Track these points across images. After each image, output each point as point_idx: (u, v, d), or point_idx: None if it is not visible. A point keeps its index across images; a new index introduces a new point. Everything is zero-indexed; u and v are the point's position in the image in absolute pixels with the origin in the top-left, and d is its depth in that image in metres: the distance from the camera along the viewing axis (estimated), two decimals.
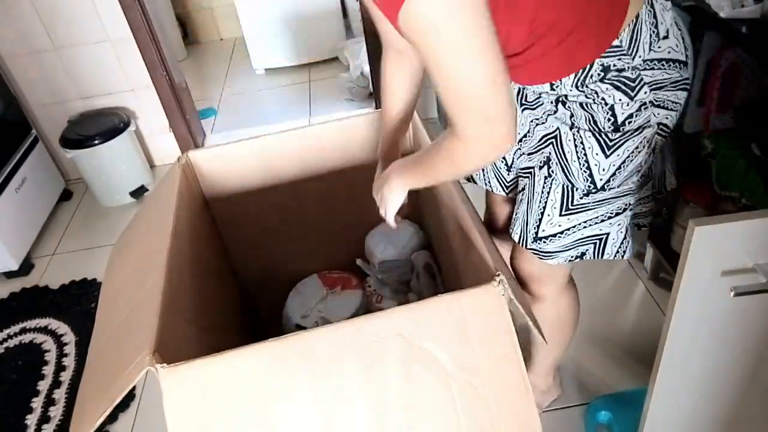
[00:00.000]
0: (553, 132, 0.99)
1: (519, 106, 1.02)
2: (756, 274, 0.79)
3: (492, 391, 0.78)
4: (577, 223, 1.01)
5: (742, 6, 1.17)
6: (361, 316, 0.79)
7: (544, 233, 1.04)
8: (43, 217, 2.42)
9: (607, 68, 0.87)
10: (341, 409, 0.75)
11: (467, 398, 0.77)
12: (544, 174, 1.01)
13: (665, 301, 1.71)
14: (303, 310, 1.35)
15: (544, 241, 1.05)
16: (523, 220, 1.07)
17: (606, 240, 1.04)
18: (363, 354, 0.76)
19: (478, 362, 0.78)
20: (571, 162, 0.97)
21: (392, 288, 1.39)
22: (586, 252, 1.05)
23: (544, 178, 1.01)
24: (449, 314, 0.78)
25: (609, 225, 1.02)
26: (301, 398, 0.75)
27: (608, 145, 0.93)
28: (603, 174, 0.95)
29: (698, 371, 0.95)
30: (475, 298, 0.79)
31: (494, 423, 0.78)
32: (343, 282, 1.43)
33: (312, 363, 0.76)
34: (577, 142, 0.95)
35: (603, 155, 0.94)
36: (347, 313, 1.32)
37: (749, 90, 1.36)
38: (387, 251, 1.37)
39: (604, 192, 0.98)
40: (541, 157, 1.02)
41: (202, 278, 1.14)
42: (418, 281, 1.33)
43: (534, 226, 1.05)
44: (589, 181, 0.96)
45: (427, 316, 0.78)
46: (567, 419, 1.46)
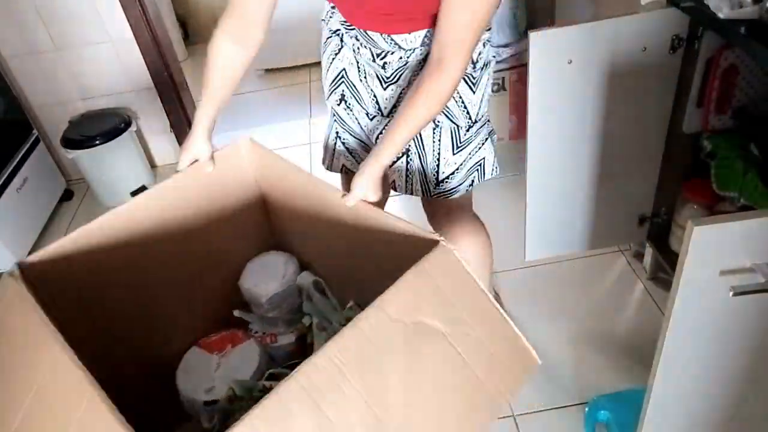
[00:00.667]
0: None
1: (384, 83, 1.18)
2: (755, 274, 0.79)
3: (482, 332, 0.87)
4: (467, 155, 1.22)
5: (740, 6, 1.17)
6: (353, 321, 0.79)
7: (444, 175, 1.22)
8: (45, 218, 2.43)
9: None
10: (381, 397, 0.79)
11: (468, 346, 0.85)
12: (431, 126, 1.18)
13: (664, 301, 1.71)
14: (204, 386, 1.19)
15: (446, 182, 1.23)
16: (420, 173, 1.23)
17: (484, 163, 1.25)
18: (372, 350, 0.79)
19: (461, 314, 0.86)
20: (452, 107, 1.15)
21: (284, 321, 1.32)
22: (474, 178, 1.25)
23: (432, 129, 1.19)
24: (424, 285, 0.84)
25: (484, 150, 1.24)
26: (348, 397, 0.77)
27: (473, 83, 1.14)
28: (475, 107, 1.17)
29: (697, 371, 0.95)
30: (436, 263, 0.86)
31: (493, 354, 0.88)
32: (229, 340, 1.29)
33: (349, 365, 0.77)
34: None
35: (471, 92, 1.15)
36: (253, 366, 1.20)
37: (748, 90, 1.37)
38: (270, 286, 1.28)
39: (478, 123, 1.20)
40: None
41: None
42: (311, 301, 1.27)
43: (433, 173, 1.22)
44: (468, 117, 1.17)
45: (408, 295, 0.83)
46: (566, 418, 1.47)
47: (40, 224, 2.38)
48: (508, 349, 0.90)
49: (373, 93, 1.20)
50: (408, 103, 1.03)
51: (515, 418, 1.48)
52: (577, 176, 1.61)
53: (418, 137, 1.21)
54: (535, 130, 1.50)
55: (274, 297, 1.27)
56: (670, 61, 1.42)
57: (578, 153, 1.56)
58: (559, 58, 1.39)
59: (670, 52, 1.40)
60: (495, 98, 2.46)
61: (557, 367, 1.59)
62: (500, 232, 2.07)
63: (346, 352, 0.77)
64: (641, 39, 1.38)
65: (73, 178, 2.71)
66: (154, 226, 1.18)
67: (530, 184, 1.60)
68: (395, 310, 0.81)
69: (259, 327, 1.33)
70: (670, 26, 1.37)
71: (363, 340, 0.78)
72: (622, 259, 1.89)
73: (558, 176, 1.60)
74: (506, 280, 1.87)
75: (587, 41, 1.37)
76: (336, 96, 1.29)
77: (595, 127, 1.52)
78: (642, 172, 1.63)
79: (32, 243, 2.29)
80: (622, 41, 1.38)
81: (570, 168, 1.59)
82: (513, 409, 1.50)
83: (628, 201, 1.69)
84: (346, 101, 1.27)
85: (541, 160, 1.56)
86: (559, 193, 1.64)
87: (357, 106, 1.25)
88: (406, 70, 1.15)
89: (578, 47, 1.38)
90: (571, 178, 1.61)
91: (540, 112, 1.47)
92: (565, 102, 1.47)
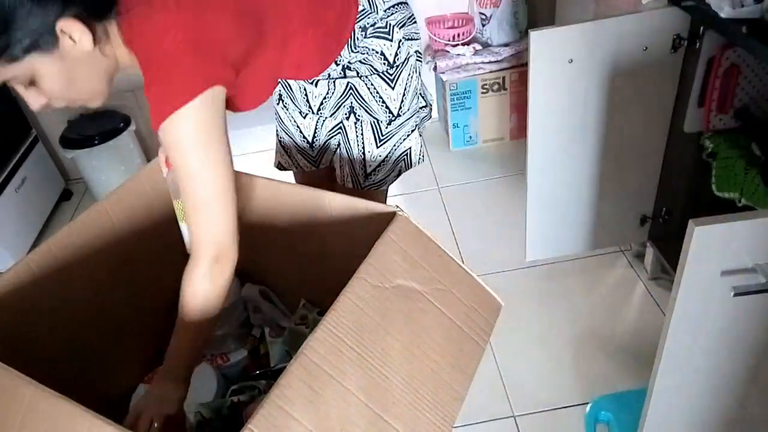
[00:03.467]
0: (347, 87, 1.17)
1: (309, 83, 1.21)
2: (756, 274, 0.79)
3: (452, 286, 0.96)
4: (391, 147, 1.24)
5: (742, 6, 1.16)
6: (340, 294, 0.84)
7: (371, 168, 1.26)
8: (43, 217, 2.43)
9: (364, 28, 1.11)
10: (383, 358, 0.86)
11: (444, 300, 0.94)
12: (352, 121, 1.21)
13: (665, 301, 1.71)
14: None
15: (374, 174, 1.26)
16: (350, 167, 1.26)
17: (410, 153, 1.28)
18: (364, 316, 0.85)
19: (431, 273, 0.95)
20: (369, 102, 1.18)
21: (234, 338, 1.27)
22: (401, 167, 1.29)
23: (354, 124, 1.22)
24: (393, 252, 0.92)
25: (410, 141, 1.26)
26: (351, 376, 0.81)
27: (391, 79, 1.17)
28: (395, 102, 1.19)
29: (698, 371, 0.95)
30: (399, 231, 0.94)
31: (465, 304, 0.97)
32: None
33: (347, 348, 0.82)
34: (368, 86, 1.16)
35: (390, 88, 1.17)
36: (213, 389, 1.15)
37: (749, 90, 1.36)
38: None
39: (401, 117, 1.22)
40: (344, 110, 1.21)
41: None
42: (260, 312, 1.26)
43: (361, 167, 1.26)
44: (388, 112, 1.20)
45: (381, 263, 0.90)
46: (567, 419, 1.46)
47: (39, 224, 2.38)
48: (476, 297, 1.00)
49: (305, 89, 1.23)
50: (180, 319, 0.95)
51: (516, 419, 1.48)
52: (577, 176, 1.60)
53: (344, 129, 1.23)
54: (536, 130, 1.50)
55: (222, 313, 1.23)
56: (671, 61, 1.41)
57: (579, 153, 1.56)
58: (559, 57, 1.39)
59: (671, 51, 1.40)
60: (495, 98, 2.46)
61: (558, 367, 1.59)
62: (500, 231, 2.07)
63: (342, 321, 0.82)
64: (642, 38, 1.38)
65: (71, 178, 2.71)
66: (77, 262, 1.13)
67: (531, 184, 1.60)
68: (374, 278, 0.88)
69: (206, 350, 1.26)
70: (672, 25, 1.36)
71: (354, 308, 0.84)
72: (623, 259, 1.88)
73: (558, 176, 1.60)
74: (507, 280, 1.87)
75: (588, 40, 1.37)
76: (275, 96, 1.32)
77: (596, 126, 1.51)
78: (643, 171, 1.63)
79: (31, 243, 2.28)
80: (623, 40, 1.38)
81: (570, 168, 1.58)
82: (513, 410, 1.50)
83: (629, 201, 1.68)
84: (283, 100, 1.30)
85: (541, 159, 1.55)
86: (559, 192, 1.63)
87: (291, 105, 1.28)
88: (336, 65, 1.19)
89: (579, 46, 1.38)
90: (572, 177, 1.61)
91: (540, 111, 1.47)
92: (565, 101, 1.46)
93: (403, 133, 1.25)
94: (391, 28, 1.13)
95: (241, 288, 1.28)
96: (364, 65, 1.14)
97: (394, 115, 1.21)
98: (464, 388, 0.92)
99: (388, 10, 1.13)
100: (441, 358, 0.91)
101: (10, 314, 1.04)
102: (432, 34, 2.49)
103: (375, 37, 1.12)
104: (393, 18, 1.13)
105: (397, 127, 1.23)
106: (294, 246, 1.20)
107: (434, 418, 0.86)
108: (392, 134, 1.24)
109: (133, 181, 1.22)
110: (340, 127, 1.24)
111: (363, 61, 1.14)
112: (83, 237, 1.15)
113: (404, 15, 1.16)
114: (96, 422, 0.75)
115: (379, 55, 1.14)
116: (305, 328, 1.22)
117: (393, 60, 1.15)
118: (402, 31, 1.15)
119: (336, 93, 1.19)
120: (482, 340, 0.98)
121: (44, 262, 1.09)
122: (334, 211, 1.07)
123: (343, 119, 1.23)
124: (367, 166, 1.26)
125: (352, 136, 1.23)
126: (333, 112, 1.23)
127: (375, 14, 1.11)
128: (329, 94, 1.20)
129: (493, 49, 2.44)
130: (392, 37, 1.13)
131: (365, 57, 1.13)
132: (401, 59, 1.16)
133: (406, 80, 1.19)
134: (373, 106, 1.19)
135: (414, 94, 1.23)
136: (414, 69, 1.20)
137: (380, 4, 1.12)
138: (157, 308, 1.28)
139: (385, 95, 1.18)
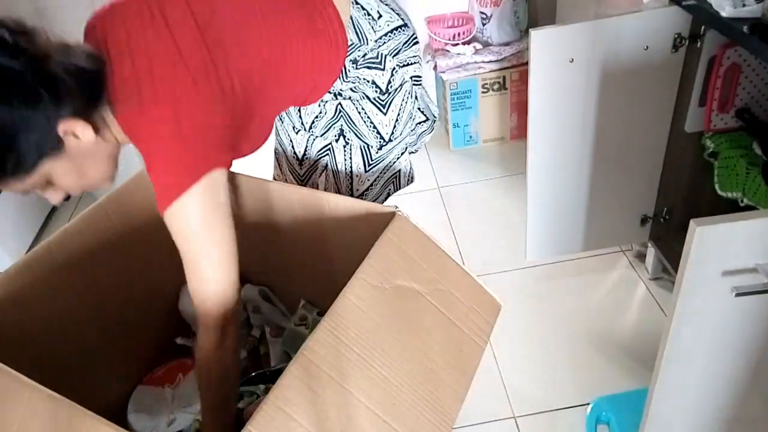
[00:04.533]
0: (336, 110, 1.16)
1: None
2: (757, 275, 0.78)
3: (451, 286, 0.97)
4: (379, 173, 1.23)
5: (743, 5, 1.16)
6: (341, 294, 0.84)
7: (358, 192, 1.24)
8: (42, 217, 2.42)
9: (355, 60, 1.09)
10: (383, 358, 0.86)
11: (443, 300, 0.95)
12: (342, 144, 1.19)
13: (666, 302, 1.71)
14: (165, 419, 1.15)
15: (362, 198, 1.24)
16: (335, 190, 1.25)
17: (399, 175, 1.27)
18: (365, 316, 0.85)
19: (430, 273, 0.95)
20: (360, 126, 1.17)
21: None
22: (390, 190, 1.27)
23: (343, 147, 1.20)
24: (393, 252, 0.92)
25: (399, 163, 1.25)
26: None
27: (382, 105, 1.16)
28: (387, 128, 1.18)
29: (699, 372, 0.94)
30: (398, 231, 0.95)
31: (465, 303, 0.97)
32: (179, 370, 1.23)
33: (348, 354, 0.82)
34: (359, 110, 1.15)
35: (382, 114, 1.16)
36: None
37: (751, 89, 1.36)
38: None
39: (392, 142, 1.20)
40: (334, 131, 1.19)
41: None
42: (260, 312, 1.26)
43: (347, 190, 1.24)
44: (379, 138, 1.18)
45: (381, 264, 0.90)
46: (568, 420, 1.46)
47: (38, 224, 2.38)
48: (475, 297, 1.00)
49: (298, 107, 1.21)
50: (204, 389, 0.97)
51: (516, 420, 1.48)
52: (578, 176, 1.60)
53: (332, 152, 1.21)
54: (536, 130, 1.49)
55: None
56: (672, 60, 1.41)
57: (579, 152, 1.56)
58: (560, 56, 1.39)
59: (672, 50, 1.40)
60: (496, 97, 2.46)
61: (559, 368, 1.58)
62: (500, 232, 2.07)
63: (342, 322, 0.83)
64: (643, 37, 1.38)
65: None
66: (76, 262, 1.14)
67: (531, 184, 1.59)
68: (374, 278, 0.88)
69: None
70: (673, 25, 1.36)
71: (354, 309, 0.85)
72: (624, 259, 1.88)
73: (559, 176, 1.59)
74: (507, 281, 1.86)
75: (589, 40, 1.37)
76: None
77: (597, 126, 1.51)
78: (644, 171, 1.62)
79: (29, 244, 2.28)
80: (623, 40, 1.38)
81: (571, 167, 1.58)
82: (514, 411, 1.50)
83: (629, 201, 1.68)
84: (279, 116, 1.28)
85: (542, 159, 1.55)
86: (560, 192, 1.63)
87: (286, 119, 1.26)
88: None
89: (580, 46, 1.37)
90: (573, 177, 1.60)
91: (541, 111, 1.46)
92: (566, 101, 1.46)
93: (393, 157, 1.23)
94: (383, 57, 1.12)
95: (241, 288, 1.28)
96: (355, 93, 1.14)
97: (385, 140, 1.19)
98: (464, 388, 0.92)
99: (380, 39, 1.11)
100: (441, 358, 0.91)
101: (10, 314, 1.05)
102: (432, 33, 2.49)
103: (366, 68, 1.11)
104: (385, 47, 1.12)
105: (387, 152, 1.21)
106: (294, 246, 1.20)
107: (434, 419, 0.86)
108: (382, 158, 1.22)
109: (133, 181, 1.22)
110: (329, 148, 1.22)
111: (354, 89, 1.13)
112: (82, 237, 1.15)
113: (399, 41, 1.14)
114: (95, 423, 0.75)
115: (371, 83, 1.13)
116: (305, 328, 1.22)
117: (386, 87, 1.14)
118: (396, 59, 1.14)
119: (327, 114, 1.18)
120: (482, 340, 0.98)
121: (43, 262, 1.09)
122: (333, 211, 1.07)
123: (332, 141, 1.20)
124: (354, 191, 1.24)
125: (340, 158, 1.21)
126: (324, 132, 1.20)
127: (365, 46, 1.10)
128: (320, 115, 1.18)
129: (494, 48, 2.44)
130: (384, 66, 1.13)
131: (356, 86, 1.13)
132: (395, 86, 1.15)
133: (399, 106, 1.18)
134: (363, 131, 1.17)
135: (408, 118, 1.22)
136: (409, 94, 1.19)
137: (370, 34, 1.11)
138: (157, 308, 1.28)
139: (376, 120, 1.17)
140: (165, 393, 1.21)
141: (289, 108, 1.22)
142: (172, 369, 1.25)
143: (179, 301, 1.26)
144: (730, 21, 1.17)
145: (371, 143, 1.19)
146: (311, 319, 1.24)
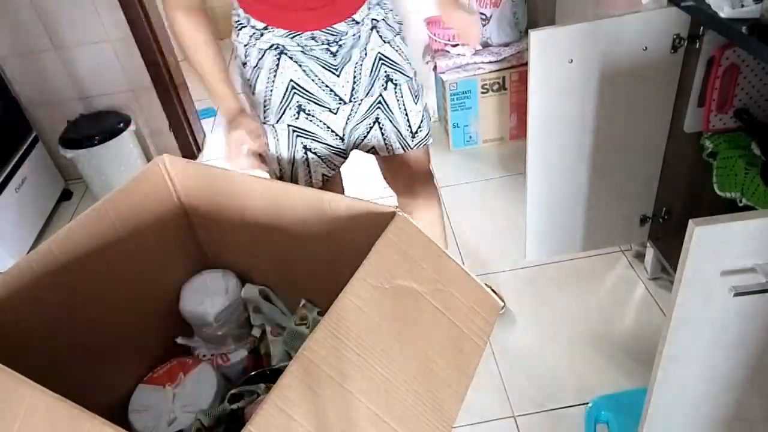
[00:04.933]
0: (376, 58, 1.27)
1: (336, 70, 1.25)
2: (756, 274, 0.79)
3: (452, 286, 0.97)
4: (422, 101, 1.37)
5: (742, 6, 1.16)
6: (340, 295, 0.84)
7: (416, 126, 1.35)
8: (43, 218, 2.42)
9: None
10: (384, 359, 0.87)
11: (443, 301, 0.95)
12: (391, 89, 1.30)
13: (665, 301, 1.71)
14: (166, 418, 1.14)
15: (420, 131, 1.36)
16: (396, 133, 1.35)
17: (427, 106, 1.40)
18: (365, 316, 0.85)
19: (430, 274, 0.95)
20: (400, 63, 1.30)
21: (234, 338, 1.27)
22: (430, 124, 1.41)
23: (393, 90, 1.31)
24: (393, 253, 0.93)
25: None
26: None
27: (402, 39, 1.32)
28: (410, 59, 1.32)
29: (698, 371, 0.94)
30: (398, 232, 0.95)
31: (465, 304, 0.97)
32: (180, 369, 1.22)
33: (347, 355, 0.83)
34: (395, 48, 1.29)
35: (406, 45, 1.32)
36: (213, 390, 1.16)
37: (749, 90, 1.36)
38: (217, 302, 1.22)
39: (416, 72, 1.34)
40: (381, 81, 1.29)
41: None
42: (260, 312, 1.25)
43: (407, 128, 1.34)
44: (412, 68, 1.33)
45: (381, 264, 0.91)
46: (567, 419, 1.46)
47: (39, 224, 2.38)
48: (475, 298, 1.00)
49: (327, 86, 1.23)
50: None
51: (516, 419, 1.48)
52: (577, 176, 1.60)
53: (383, 101, 1.31)
54: (536, 130, 1.50)
55: (222, 313, 1.23)
56: (671, 61, 1.41)
57: (579, 152, 1.56)
58: (559, 57, 1.39)
59: (671, 51, 1.40)
60: (495, 98, 2.46)
61: (558, 367, 1.59)
62: (500, 232, 2.07)
63: (342, 322, 0.83)
64: (642, 38, 1.38)
65: (71, 178, 2.70)
66: (77, 262, 1.12)
67: (530, 184, 1.59)
68: (373, 278, 0.88)
69: (206, 350, 1.28)
70: (671, 25, 1.36)
71: (354, 309, 0.85)
72: (623, 259, 1.88)
73: (558, 176, 1.59)
74: (506, 280, 1.87)
75: (588, 40, 1.37)
76: (292, 111, 1.27)
77: (596, 126, 1.51)
78: (643, 171, 1.63)
79: (30, 243, 2.28)
80: (623, 40, 1.38)
81: (570, 167, 1.58)
82: (514, 410, 1.50)
83: (629, 201, 1.68)
84: (304, 110, 1.26)
85: (541, 159, 1.55)
86: (559, 192, 1.63)
87: (317, 109, 1.26)
88: (356, 46, 1.24)
89: (579, 46, 1.38)
90: (572, 177, 1.60)
91: (540, 111, 1.47)
92: (565, 101, 1.46)
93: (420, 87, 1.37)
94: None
95: (241, 288, 1.29)
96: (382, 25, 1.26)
97: (414, 70, 1.33)
98: (464, 388, 0.93)
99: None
100: (441, 358, 0.91)
101: (10, 314, 1.04)
102: (432, 33, 2.49)
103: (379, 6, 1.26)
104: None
105: (418, 82, 1.35)
106: (294, 246, 1.20)
107: (434, 419, 0.87)
108: (420, 88, 1.35)
109: (133, 181, 1.22)
110: (378, 102, 1.31)
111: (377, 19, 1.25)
112: (83, 237, 1.15)
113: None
114: (95, 423, 0.75)
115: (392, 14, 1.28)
116: (305, 328, 1.22)
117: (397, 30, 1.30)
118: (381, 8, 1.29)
119: (365, 67, 1.25)
120: (482, 340, 0.98)
121: (44, 262, 1.08)
122: (333, 211, 1.07)
123: (381, 91, 1.30)
124: (412, 125, 1.35)
125: (393, 102, 1.31)
126: (369, 90, 1.29)
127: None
128: (358, 76, 1.25)
129: (493, 49, 2.44)
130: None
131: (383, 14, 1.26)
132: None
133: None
134: (404, 66, 1.30)
135: None
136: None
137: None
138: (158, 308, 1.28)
139: (406, 51, 1.31)
140: (166, 392, 1.21)
141: (319, 96, 1.26)
142: (173, 368, 1.24)
143: (180, 301, 1.27)
144: (728, 21, 1.17)
145: (410, 74, 1.33)
146: (311, 318, 1.24)
